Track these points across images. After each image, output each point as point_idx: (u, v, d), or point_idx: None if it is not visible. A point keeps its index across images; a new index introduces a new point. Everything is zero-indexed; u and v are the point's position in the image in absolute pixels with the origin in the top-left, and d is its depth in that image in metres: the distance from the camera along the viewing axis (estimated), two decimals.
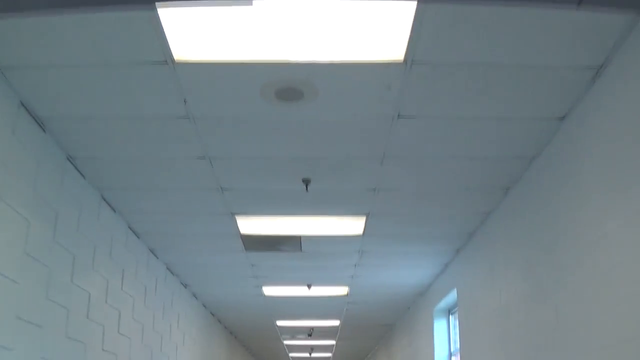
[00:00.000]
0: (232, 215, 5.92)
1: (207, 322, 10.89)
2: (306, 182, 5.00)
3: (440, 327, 8.88)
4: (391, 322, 12.45)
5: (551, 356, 4.48)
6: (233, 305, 10.59)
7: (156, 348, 7.38)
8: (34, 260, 4.22)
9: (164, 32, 3.06)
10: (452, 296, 8.03)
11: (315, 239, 6.66)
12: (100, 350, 5.55)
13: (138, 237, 6.70)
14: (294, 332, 13.63)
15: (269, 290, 9.26)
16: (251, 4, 2.88)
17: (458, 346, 8.39)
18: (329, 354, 18.21)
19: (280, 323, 12.28)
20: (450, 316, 8.84)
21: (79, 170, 4.93)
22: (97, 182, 5.21)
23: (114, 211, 5.89)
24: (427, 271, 8.24)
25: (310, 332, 13.21)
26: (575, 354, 4.00)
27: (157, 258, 7.50)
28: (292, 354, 18.20)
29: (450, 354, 8.68)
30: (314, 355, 18.04)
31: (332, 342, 15.29)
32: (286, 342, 15.23)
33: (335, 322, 12.19)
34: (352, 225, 6.27)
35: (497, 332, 5.83)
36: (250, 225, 6.27)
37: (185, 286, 9.00)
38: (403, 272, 8.32)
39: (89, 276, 5.37)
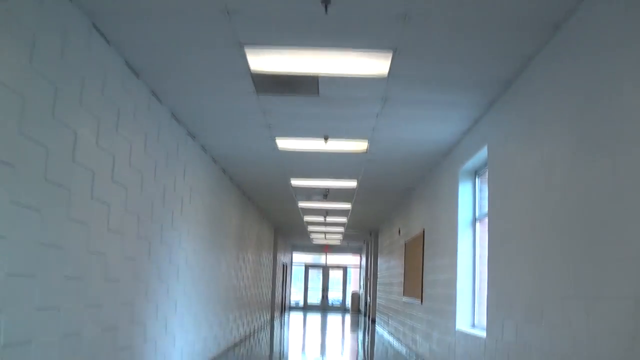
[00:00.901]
0: (240, 47, 5.17)
1: (218, 179, 10.40)
2: (325, 0, 4.20)
3: (465, 190, 8.31)
4: (410, 185, 11.94)
5: (605, 213, 3.88)
6: (245, 161, 10.03)
7: (158, 201, 6.87)
8: (3, 86, 3.63)
9: None
10: (481, 155, 7.43)
11: (334, 80, 5.91)
12: (88, 198, 5.00)
13: (137, 77, 6.02)
14: (309, 194, 13.18)
15: (283, 143, 8.63)
16: None
17: (484, 211, 7.91)
18: (344, 219, 17.95)
19: (295, 182, 11.79)
20: (477, 178, 8.26)
21: None
22: (86, 5, 4.50)
23: (108, 43, 5.21)
24: (454, 126, 7.54)
25: (326, 194, 12.74)
26: (635, 207, 3.41)
27: (160, 102, 6.83)
28: (306, 218, 17.95)
29: (475, 219, 8.16)
30: (328, 219, 17.78)
31: (348, 205, 14.90)
32: (301, 204, 14.85)
33: (352, 183, 11.68)
34: (376, 65, 5.50)
35: (536, 192, 5.24)
36: (262, 61, 5.51)
37: (193, 137, 8.39)
38: (428, 127, 7.63)
39: (75, 113, 4.73)
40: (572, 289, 4.40)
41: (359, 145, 8.60)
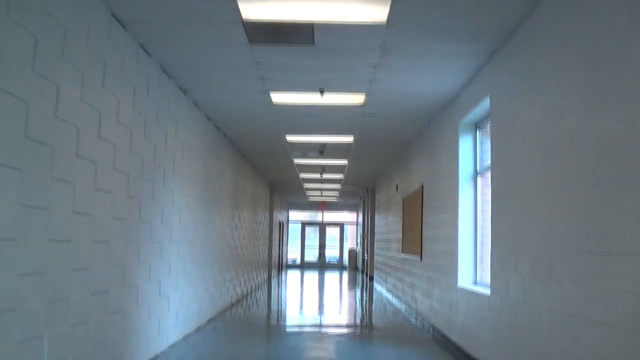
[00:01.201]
0: None
1: (211, 136, 10.11)
2: None
3: (465, 144, 8.06)
4: (409, 140, 11.67)
5: (621, 163, 3.64)
6: (239, 116, 9.73)
7: (148, 158, 6.59)
8: None
9: None
10: (482, 107, 7.17)
11: (330, 28, 5.59)
12: (73, 156, 4.74)
13: (124, 28, 5.69)
14: (305, 149, 12.90)
15: (278, 97, 8.32)
16: None
17: (486, 164, 7.67)
18: (340, 175, 17.72)
19: (290, 138, 11.50)
20: (478, 131, 7.99)
21: None
22: None
23: None
24: (455, 77, 7.25)
25: (322, 150, 12.47)
26: None
27: (149, 55, 6.52)
28: (302, 175, 17.71)
29: (476, 173, 7.92)
30: (325, 176, 17.54)
31: (345, 162, 14.65)
32: (297, 160, 14.58)
33: (349, 139, 11.41)
34: (375, 11, 5.18)
35: (544, 143, 4.99)
36: (254, 8, 5.19)
37: (185, 92, 8.08)
38: (428, 78, 7.33)
39: (57, 66, 4.44)
40: (584, 244, 4.18)
41: (356, 99, 8.30)
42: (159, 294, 6.99)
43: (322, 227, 32.61)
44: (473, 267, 7.80)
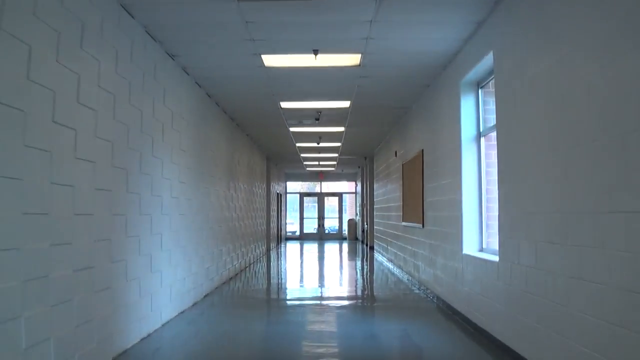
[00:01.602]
0: None
1: (203, 104, 9.71)
2: None
3: (467, 104, 7.69)
4: (407, 104, 11.28)
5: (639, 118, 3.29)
6: (231, 82, 9.31)
7: (134, 126, 6.22)
8: None
9: None
10: (485, 64, 6.82)
11: None
12: (49, 122, 4.38)
13: None
14: (300, 117, 12.50)
15: (270, 60, 7.90)
16: None
17: (489, 125, 7.32)
18: (337, 144, 17.34)
19: (285, 105, 11.10)
20: (480, 91, 7.61)
21: None
22: None
23: None
24: (456, 32, 6.86)
25: (318, 117, 12.07)
26: None
27: (132, 17, 6.12)
28: (299, 144, 17.32)
29: (479, 135, 7.56)
30: (322, 144, 17.15)
31: (342, 128, 14.25)
32: (292, 129, 14.19)
33: (345, 104, 11.01)
34: None
35: (555, 97, 4.64)
36: None
37: (173, 57, 7.68)
38: (426, 34, 6.93)
39: (28, 24, 4.07)
40: (604, 203, 3.84)
41: (351, 59, 7.89)
42: (150, 269, 6.66)
43: (320, 197, 32.30)
44: (478, 233, 7.47)
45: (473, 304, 6.95)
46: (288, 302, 9.78)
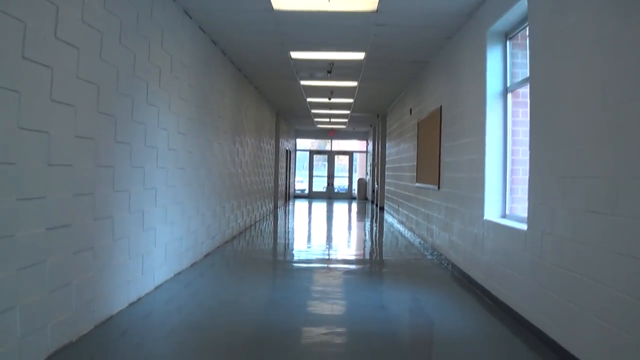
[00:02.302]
0: None
1: (207, 51, 9.03)
2: None
3: (494, 56, 7.02)
4: (425, 58, 10.55)
5: None
6: (237, 27, 8.58)
7: (126, 68, 5.58)
8: None
9: None
10: (515, 11, 6.19)
11: None
12: (18, 57, 3.79)
13: None
14: (312, 69, 11.79)
15: (279, 2, 7.19)
16: None
17: (517, 79, 6.67)
18: (350, 100, 16.62)
19: (295, 55, 10.38)
20: (508, 42, 6.91)
21: None
22: None
23: None
24: None
25: (330, 69, 11.35)
26: None
27: None
28: (309, 99, 16.63)
29: (506, 90, 6.89)
30: (333, 100, 16.44)
31: (354, 83, 13.54)
32: (303, 82, 13.48)
33: (359, 55, 10.29)
34: None
35: (603, 43, 3.95)
36: None
37: None
38: None
39: None
40: None
41: (368, 3, 7.17)
42: (141, 226, 6.09)
43: (330, 155, 31.65)
44: (501, 198, 6.85)
45: (493, 275, 6.36)
46: (293, 265, 9.23)
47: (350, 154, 31.91)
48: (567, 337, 4.44)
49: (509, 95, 6.89)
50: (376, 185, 22.84)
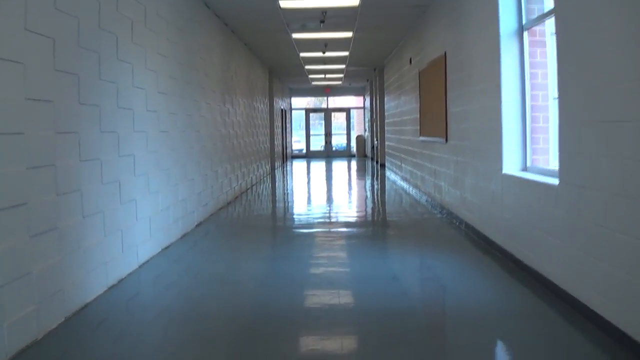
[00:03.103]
0: None
1: (188, 4, 8.21)
2: None
3: None
4: (425, 2, 9.75)
5: None
6: None
7: (88, 19, 4.83)
8: None
9: None
10: None
11: None
12: None
13: None
14: (303, 19, 10.93)
15: None
16: None
17: (533, 16, 5.92)
18: (345, 53, 15.78)
19: (284, 4, 9.53)
20: None
21: None
22: None
23: None
24: None
25: (323, 18, 10.51)
26: None
27: None
28: (302, 54, 15.78)
29: (522, 28, 6.15)
30: (328, 54, 15.58)
31: (349, 34, 12.69)
32: (295, 35, 12.63)
33: (354, 2, 9.46)
34: None
35: None
36: None
37: None
38: None
39: None
40: None
41: None
42: (118, 199, 5.37)
43: (327, 113, 30.80)
44: (521, 149, 6.12)
45: (517, 236, 5.68)
46: (293, 231, 8.56)
47: (347, 110, 31.08)
48: (617, 314, 3.76)
49: (525, 34, 6.12)
50: (376, 142, 22.10)
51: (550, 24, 5.96)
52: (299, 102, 31.18)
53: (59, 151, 4.23)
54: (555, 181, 4.78)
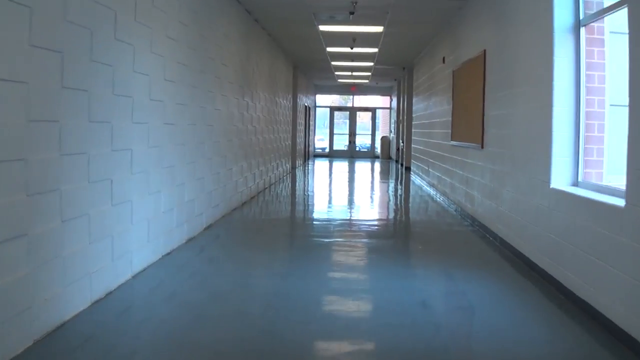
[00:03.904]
0: None
1: None
2: None
3: None
4: None
5: None
6: None
7: None
8: None
9: None
10: None
11: None
12: None
13: None
14: (332, 9, 10.17)
15: None
16: None
17: (592, 10, 5.17)
18: (374, 49, 15.01)
19: None
20: None
21: None
22: None
23: None
24: None
25: (353, 9, 9.77)
26: None
27: None
28: (329, 49, 15.04)
29: (579, 24, 5.39)
30: (356, 49, 14.81)
31: (380, 28, 11.92)
32: (322, 27, 11.90)
33: None
34: None
35: None
36: None
37: None
38: None
39: None
40: None
41: None
42: (110, 200, 4.68)
43: (352, 112, 30.00)
44: (572, 161, 5.35)
45: (565, 261, 4.91)
46: (310, 240, 7.79)
47: (373, 110, 30.27)
48: None
49: (582, 31, 5.35)
50: (401, 144, 21.30)
51: (610, 20, 5.21)
52: (324, 100, 30.43)
53: (32, 143, 3.55)
54: (620, 202, 4.02)
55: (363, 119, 31.02)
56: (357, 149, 29.94)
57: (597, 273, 4.29)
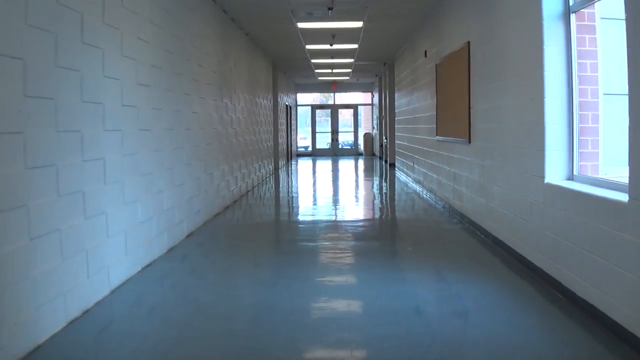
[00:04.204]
0: None
1: None
2: None
3: None
4: None
5: None
6: None
7: None
8: None
9: None
10: None
11: None
12: None
13: None
14: (309, 5, 9.93)
15: None
16: None
17: None
18: (354, 45, 14.79)
19: None
20: None
21: None
22: None
23: None
24: None
25: (331, 4, 9.54)
26: None
27: None
28: (309, 46, 14.79)
29: (569, 10, 5.18)
30: (336, 46, 14.56)
31: (359, 23, 11.69)
32: (300, 24, 11.65)
33: None
34: None
35: None
36: None
37: None
38: None
39: None
40: None
41: None
42: (82, 213, 4.42)
43: (334, 110, 29.75)
44: (567, 154, 5.16)
45: (564, 260, 4.71)
46: (296, 245, 7.53)
47: (354, 107, 30.05)
48: None
49: (572, 17, 5.15)
50: (385, 140, 21.11)
51: (600, 5, 5.02)
52: (305, 98, 30.16)
53: None
54: (622, 197, 3.81)
55: (345, 116, 30.80)
56: (340, 146, 29.73)
57: (599, 272, 4.08)
